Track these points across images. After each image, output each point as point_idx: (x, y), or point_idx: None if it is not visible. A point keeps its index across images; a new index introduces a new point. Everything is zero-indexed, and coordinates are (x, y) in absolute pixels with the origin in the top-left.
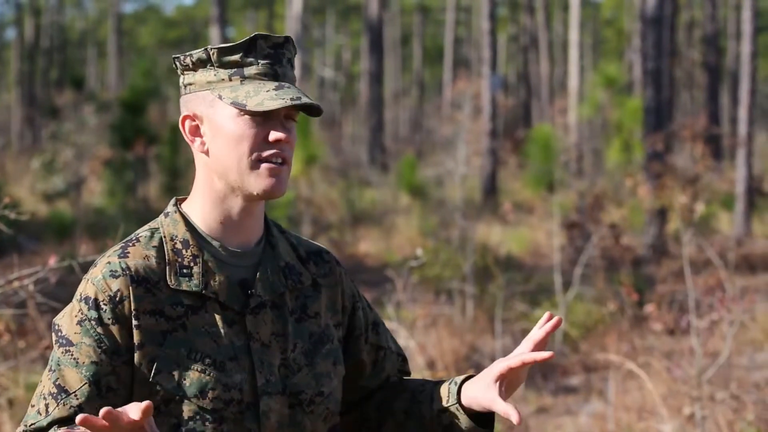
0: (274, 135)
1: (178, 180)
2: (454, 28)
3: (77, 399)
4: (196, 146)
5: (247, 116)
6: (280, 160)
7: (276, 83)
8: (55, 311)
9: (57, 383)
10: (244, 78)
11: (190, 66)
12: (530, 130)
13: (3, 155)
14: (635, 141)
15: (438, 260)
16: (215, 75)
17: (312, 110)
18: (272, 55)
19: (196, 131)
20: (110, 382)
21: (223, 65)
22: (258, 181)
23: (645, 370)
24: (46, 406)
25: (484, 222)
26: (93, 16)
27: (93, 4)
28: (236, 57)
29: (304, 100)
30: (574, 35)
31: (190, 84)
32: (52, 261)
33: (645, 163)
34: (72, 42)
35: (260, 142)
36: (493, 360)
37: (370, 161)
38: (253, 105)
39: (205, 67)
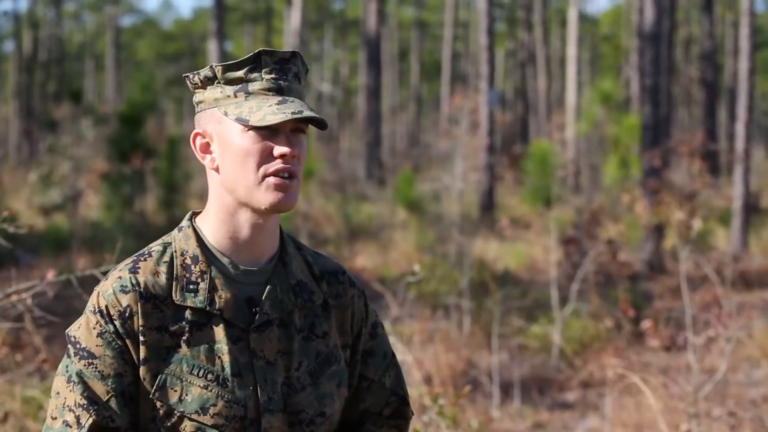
0: (278, 150)
1: (175, 194)
2: (452, 43)
3: (107, 410)
4: (206, 163)
5: (252, 132)
6: (287, 174)
7: (280, 98)
8: (53, 325)
9: (85, 395)
10: (248, 94)
11: (199, 84)
12: (527, 145)
13: (0, 168)
14: (632, 157)
15: (435, 275)
16: (221, 92)
17: (316, 123)
18: (277, 70)
19: (206, 148)
20: (132, 391)
21: (229, 82)
22: (265, 196)
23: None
24: (77, 418)
25: (481, 237)
26: (91, 29)
27: (91, 17)
28: (240, 73)
29: (306, 113)
30: (571, 51)
31: (201, 102)
32: (50, 275)
33: (642, 179)
34: (70, 55)
35: (266, 157)
36: (489, 375)
37: (367, 176)
38: (255, 120)
39: (212, 84)
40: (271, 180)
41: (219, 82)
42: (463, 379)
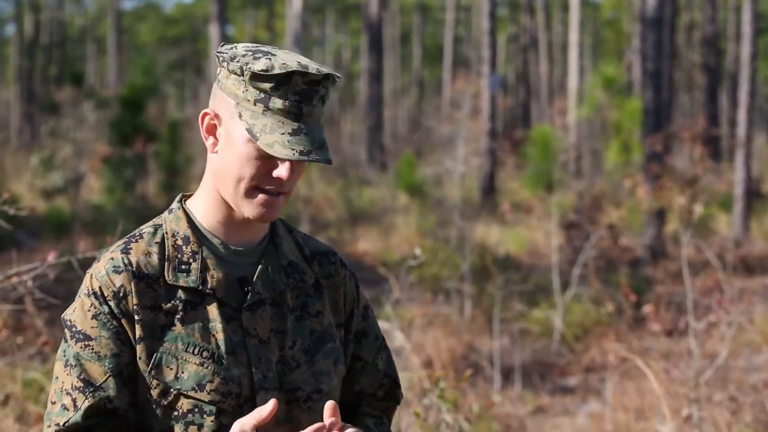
0: (277, 173)
1: (176, 177)
2: (454, 28)
3: (104, 391)
4: (209, 143)
5: (258, 145)
6: (277, 193)
7: (295, 125)
8: (54, 307)
9: (82, 377)
10: (266, 109)
11: (227, 67)
12: (529, 130)
13: (2, 151)
14: (634, 142)
15: (436, 260)
16: (244, 92)
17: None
18: (304, 92)
19: (212, 130)
20: (130, 371)
21: (254, 86)
22: (250, 207)
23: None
24: (74, 400)
25: (483, 222)
26: (92, 12)
27: (92, 0)
28: (267, 86)
29: (313, 156)
30: (573, 36)
31: (222, 82)
32: (51, 257)
33: (644, 164)
34: (71, 38)
35: (263, 174)
36: (490, 359)
37: (368, 160)
38: (264, 143)
39: (237, 77)
40: (260, 196)
41: (244, 81)
42: (464, 363)
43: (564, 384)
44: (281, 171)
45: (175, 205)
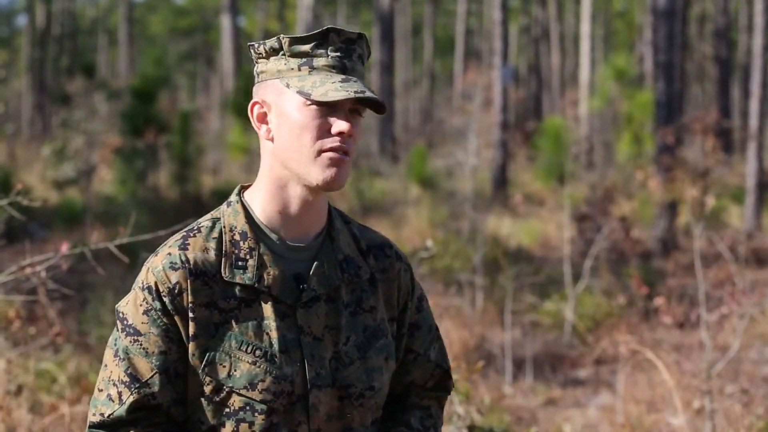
0: (337, 126)
1: (188, 168)
2: (466, 19)
3: (150, 388)
4: (262, 133)
5: (312, 106)
6: (341, 152)
7: (343, 76)
8: (66, 298)
9: (128, 372)
10: (312, 69)
11: (263, 54)
12: (541, 122)
13: (13, 142)
14: (646, 134)
15: (448, 252)
16: (285, 64)
17: (376, 106)
18: (343, 49)
19: (263, 118)
20: (178, 368)
21: (294, 55)
22: (318, 172)
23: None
24: (119, 393)
25: (495, 214)
26: (104, 3)
27: None
28: (307, 47)
29: (368, 94)
30: (585, 27)
31: (263, 72)
32: (65, 248)
33: (655, 156)
34: (83, 30)
35: (323, 133)
36: (502, 351)
37: (380, 152)
38: (317, 95)
39: (277, 55)
40: (325, 155)
41: (284, 54)
42: (476, 355)
43: (575, 376)
44: (341, 124)
45: (233, 197)
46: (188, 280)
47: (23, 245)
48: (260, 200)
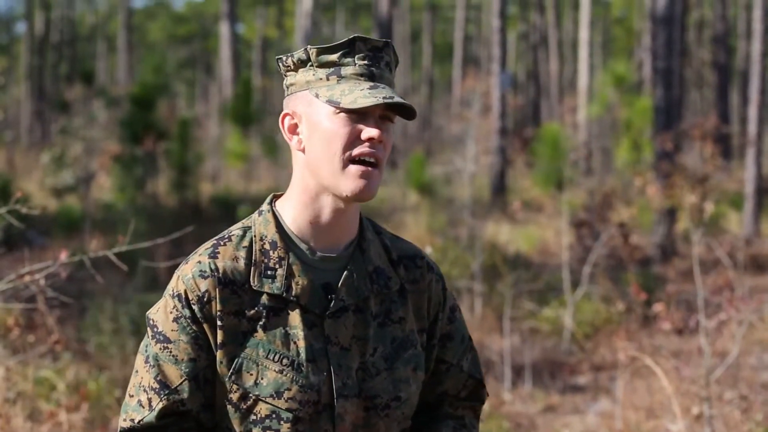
0: (367, 132)
1: (187, 176)
2: (464, 26)
3: (179, 394)
4: (293, 144)
5: (342, 114)
6: (372, 160)
7: (371, 83)
8: (65, 306)
9: (158, 379)
10: (340, 77)
11: (292, 67)
12: (539, 128)
13: (12, 149)
14: (644, 140)
15: (446, 258)
16: (314, 75)
17: (406, 112)
18: (370, 57)
19: (294, 129)
20: (207, 374)
21: (322, 65)
22: (348, 182)
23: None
24: (149, 400)
25: (493, 220)
26: (103, 10)
27: None
28: (334, 57)
29: (397, 99)
30: (584, 34)
31: (292, 84)
32: (63, 256)
33: (654, 163)
34: (82, 37)
35: (353, 141)
36: (501, 358)
37: None
38: (347, 103)
39: (305, 66)
40: (355, 167)
41: (312, 65)
42: None
43: (574, 382)
44: (370, 130)
45: (265, 207)
46: (217, 289)
47: (22, 253)
48: (292, 210)
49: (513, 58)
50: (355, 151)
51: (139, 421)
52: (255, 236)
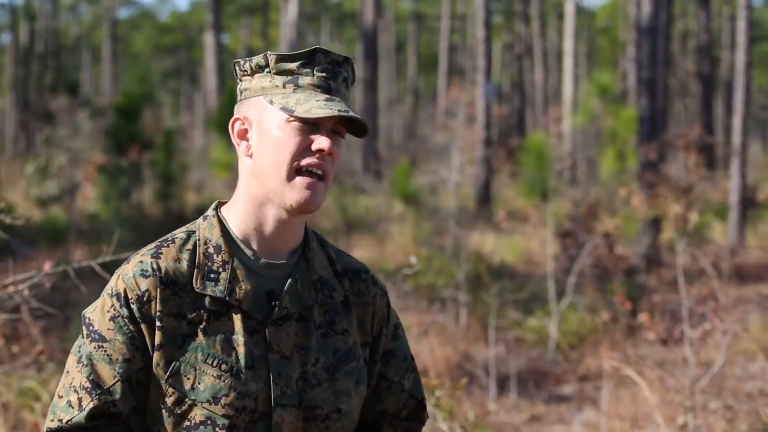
0: (318, 143)
1: (172, 186)
2: (449, 36)
3: (111, 395)
4: (241, 149)
5: (294, 123)
6: (319, 172)
7: (327, 96)
8: (50, 316)
9: (91, 378)
10: (297, 87)
11: (249, 71)
12: (524, 138)
13: None
14: (629, 150)
15: (431, 268)
16: (270, 81)
17: (358, 129)
18: (329, 70)
19: (243, 135)
20: (140, 377)
21: (280, 72)
22: (293, 193)
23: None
24: (80, 400)
25: (478, 230)
26: (88, 21)
27: (87, 9)
28: (293, 66)
29: (352, 114)
30: (568, 44)
31: (246, 89)
32: (47, 266)
33: (639, 173)
34: (66, 47)
35: (303, 150)
36: (486, 368)
37: (363, 168)
38: (301, 111)
39: (262, 72)
40: (302, 178)
41: (270, 72)
42: (460, 371)
43: (559, 392)
44: (321, 141)
45: (210, 212)
46: (158, 289)
47: (6, 263)
48: (236, 216)
49: (498, 68)
50: (304, 162)
51: (68, 421)
52: (199, 240)
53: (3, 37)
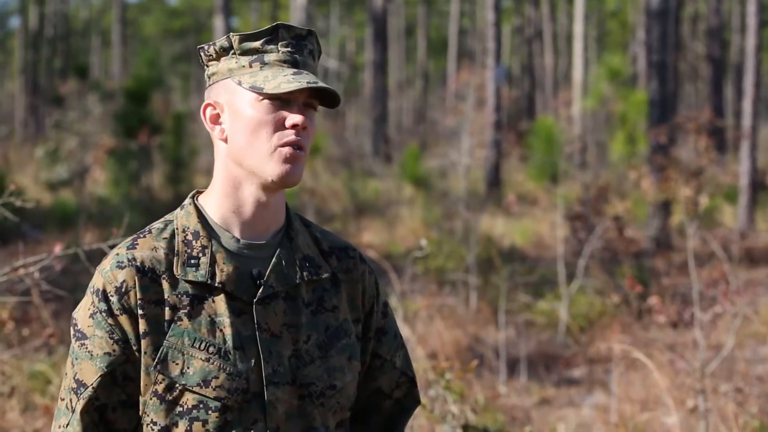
0: (291, 119)
1: (181, 169)
2: (459, 19)
3: (94, 390)
4: (215, 134)
5: (265, 101)
6: (297, 147)
7: (295, 69)
8: (60, 299)
9: (76, 377)
10: (263, 64)
11: (214, 56)
12: (534, 122)
13: (7, 144)
14: (639, 133)
15: (441, 251)
16: (236, 62)
17: (330, 98)
18: (293, 45)
19: (216, 119)
20: (127, 371)
21: (245, 52)
22: (273, 167)
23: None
24: (70, 401)
25: (488, 213)
26: (97, 5)
27: None
28: (257, 44)
29: (321, 84)
30: (578, 27)
31: (214, 74)
32: (58, 249)
33: (649, 156)
34: (76, 31)
35: (278, 127)
36: (496, 351)
37: (373, 152)
38: (270, 88)
39: (227, 55)
40: (280, 151)
41: (235, 53)
42: (469, 354)
43: (569, 375)
44: (294, 117)
45: (187, 201)
46: (135, 278)
47: (16, 246)
48: (214, 201)
49: (508, 51)
50: (282, 139)
51: (66, 425)
52: (177, 228)
53: (12, 21)
